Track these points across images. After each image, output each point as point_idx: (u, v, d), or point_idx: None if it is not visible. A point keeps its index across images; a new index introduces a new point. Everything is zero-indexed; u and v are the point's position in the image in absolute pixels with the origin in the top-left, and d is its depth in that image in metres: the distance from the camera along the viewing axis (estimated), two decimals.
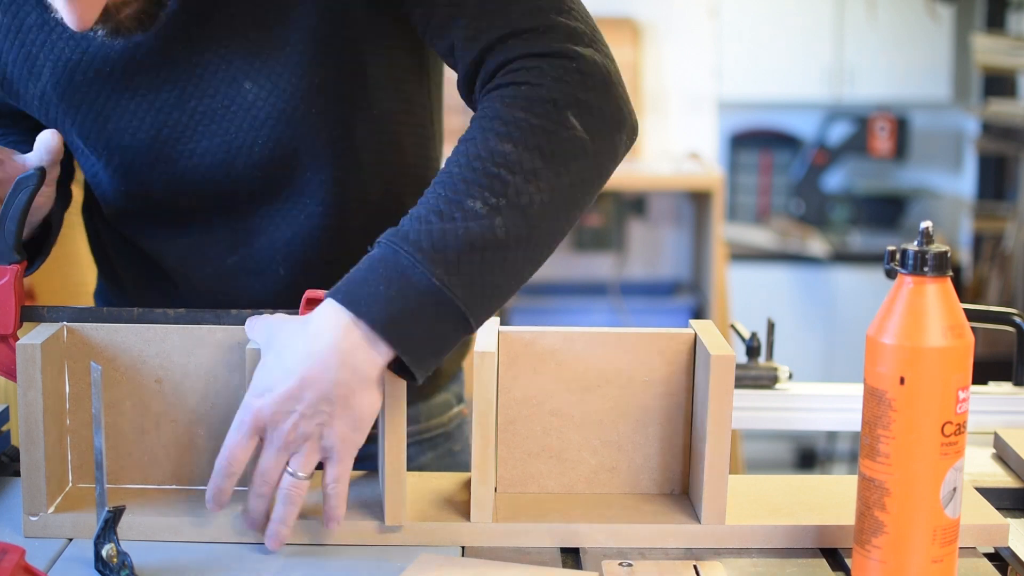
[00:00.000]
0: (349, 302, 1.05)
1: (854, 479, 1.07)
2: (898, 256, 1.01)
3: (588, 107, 1.13)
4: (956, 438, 1.00)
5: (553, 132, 1.11)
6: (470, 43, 1.16)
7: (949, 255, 1.00)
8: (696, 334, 1.17)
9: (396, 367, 1.07)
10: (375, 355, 1.05)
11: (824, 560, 1.11)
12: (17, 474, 1.25)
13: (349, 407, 1.06)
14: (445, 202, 1.07)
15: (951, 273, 1.01)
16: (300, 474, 1.08)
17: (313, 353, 1.05)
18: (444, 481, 1.22)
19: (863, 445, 1.02)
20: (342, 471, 1.08)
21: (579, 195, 1.13)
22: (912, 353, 0.98)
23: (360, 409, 1.06)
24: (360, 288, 1.05)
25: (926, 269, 0.99)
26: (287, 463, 1.08)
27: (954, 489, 1.00)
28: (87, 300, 2.14)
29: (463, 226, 1.06)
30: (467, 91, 1.20)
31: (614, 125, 1.15)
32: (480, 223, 1.06)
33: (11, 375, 1.13)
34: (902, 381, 0.99)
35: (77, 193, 1.44)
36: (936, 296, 0.99)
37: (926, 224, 1.00)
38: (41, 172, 1.15)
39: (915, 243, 1.00)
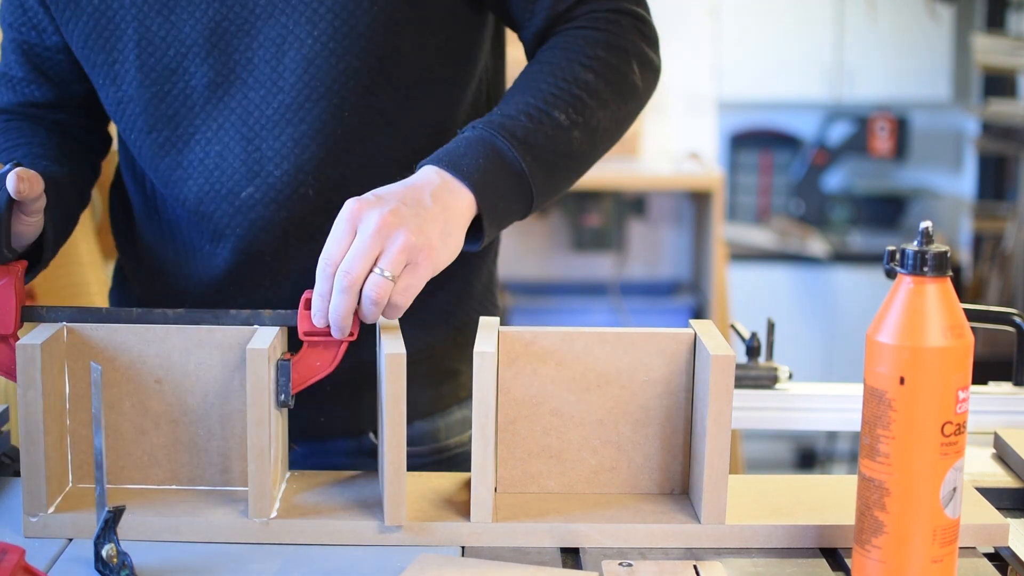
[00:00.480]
0: (449, 165, 1.19)
1: (854, 479, 1.07)
2: (898, 256, 1.01)
3: (647, 60, 1.33)
4: (956, 438, 1.00)
5: (623, 74, 1.29)
6: None
7: (949, 255, 1.00)
8: (696, 334, 1.17)
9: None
10: (464, 203, 1.18)
11: (824, 560, 1.11)
12: (17, 474, 1.25)
13: (439, 232, 1.14)
14: (535, 109, 1.23)
15: (951, 273, 1.01)
16: (387, 273, 1.10)
17: (411, 184, 1.17)
18: (444, 481, 1.22)
19: (863, 445, 1.02)
20: (416, 282, 1.13)
21: (623, 130, 1.32)
22: (912, 353, 0.98)
23: (447, 240, 1.15)
24: (460, 159, 1.19)
25: (926, 269, 0.99)
26: (375, 262, 1.11)
27: (954, 489, 1.00)
28: (87, 300, 2.14)
29: (550, 131, 1.23)
30: (543, 25, 1.32)
31: (656, 79, 1.36)
32: (562, 133, 1.24)
33: (11, 375, 1.13)
34: (902, 381, 0.99)
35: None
36: (936, 296, 0.99)
37: (926, 224, 1.00)
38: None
39: (915, 243, 1.00)
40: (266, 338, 1.13)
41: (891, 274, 1.34)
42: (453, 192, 1.17)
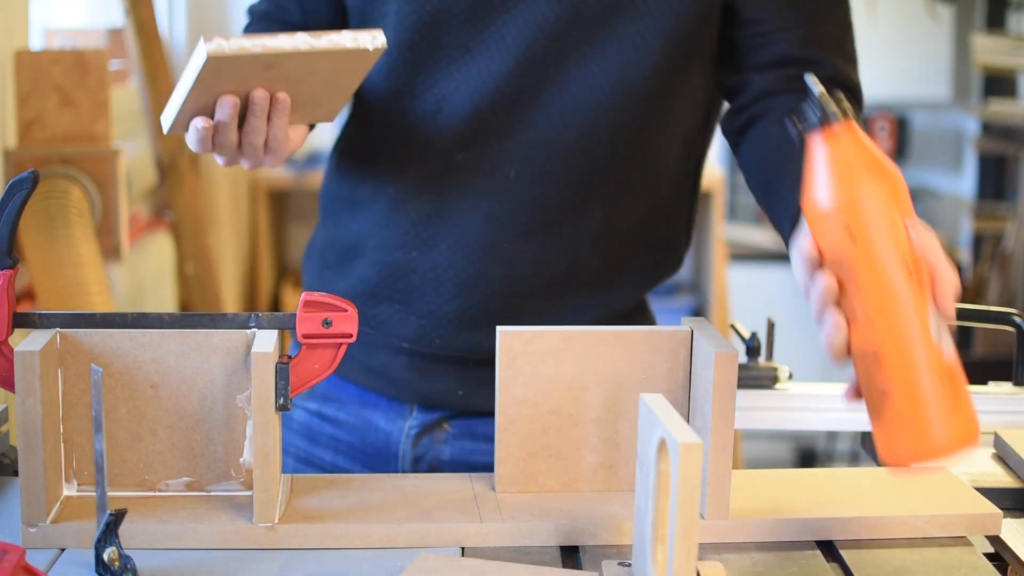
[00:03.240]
0: None
1: (849, 471, 1.07)
2: (797, 120, 1.00)
3: None
4: (921, 275, 0.97)
5: None
6: (830, 62, 1.37)
7: (842, 98, 0.98)
8: (692, 330, 1.17)
9: None
10: None
11: (819, 552, 1.11)
12: (16, 473, 1.25)
13: None
14: None
15: (848, 114, 0.98)
16: None
17: None
18: (444, 481, 1.22)
19: (849, 324, 1.00)
20: None
21: None
22: (850, 204, 0.96)
23: None
24: None
25: (831, 118, 0.98)
26: None
27: (939, 330, 0.97)
28: (87, 300, 2.14)
29: None
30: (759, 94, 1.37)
31: None
32: None
33: (2, 383, 1.12)
34: (852, 238, 0.96)
35: (75, 191, 1.44)
36: (849, 143, 0.97)
37: (810, 78, 0.99)
38: (35, 175, 1.14)
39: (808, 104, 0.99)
40: (269, 341, 1.12)
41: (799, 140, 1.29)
42: None
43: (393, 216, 1.40)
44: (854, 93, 1.37)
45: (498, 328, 1.17)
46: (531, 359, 1.17)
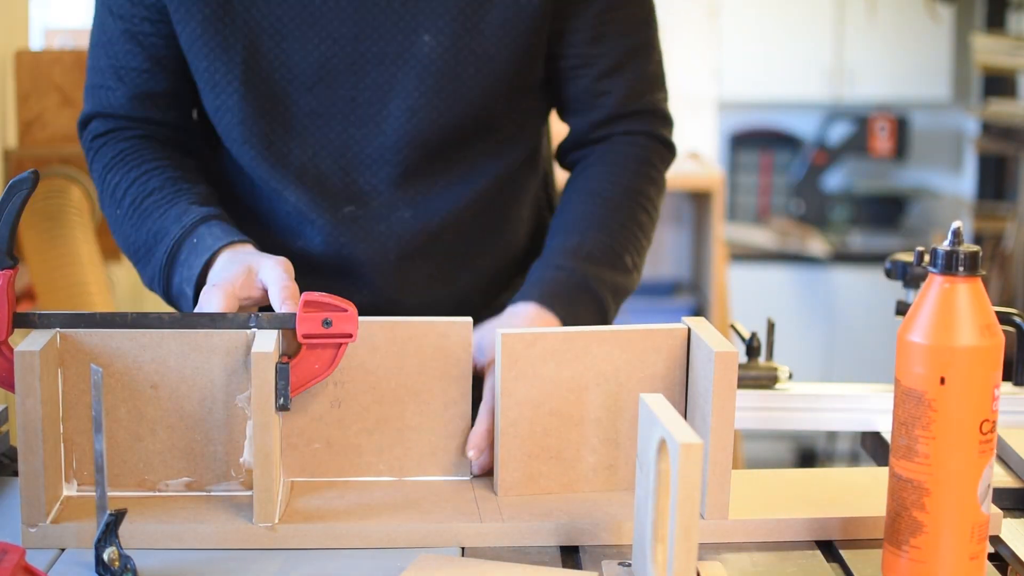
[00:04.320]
0: (555, 308, 1.34)
1: (849, 471, 1.07)
2: (928, 256, 1.02)
3: (664, 187, 1.52)
4: (991, 435, 1.01)
5: (658, 211, 1.49)
6: (623, 99, 1.46)
7: (980, 255, 1.00)
8: (690, 329, 1.18)
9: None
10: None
11: (819, 552, 1.11)
12: (17, 473, 1.25)
13: None
14: (613, 254, 1.40)
15: (983, 272, 1.01)
16: None
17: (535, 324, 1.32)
18: (444, 481, 1.22)
19: (897, 446, 1.02)
20: None
21: None
22: (952, 353, 0.98)
23: None
24: (566, 304, 1.35)
25: (960, 268, 0.99)
26: None
27: (988, 486, 1.01)
28: (87, 300, 2.14)
29: (623, 276, 1.42)
30: (584, 121, 1.49)
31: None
32: (628, 277, 1.43)
33: (3, 383, 1.12)
34: (943, 381, 0.99)
35: (75, 191, 1.44)
36: (971, 295, 1.00)
37: (957, 224, 1.01)
38: (35, 175, 1.14)
39: (945, 243, 1.01)
40: (269, 342, 1.12)
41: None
42: (541, 317, 1.33)
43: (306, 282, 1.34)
44: (656, 115, 1.49)
45: (498, 330, 1.17)
46: (532, 361, 1.17)
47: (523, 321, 1.32)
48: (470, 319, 1.21)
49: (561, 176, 1.56)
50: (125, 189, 1.39)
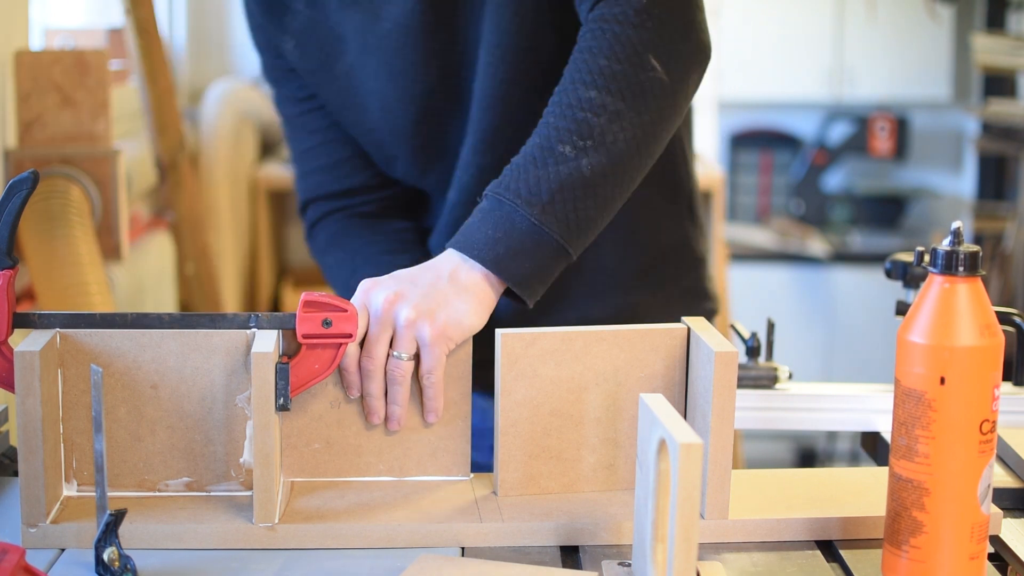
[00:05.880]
0: (463, 247, 1.22)
1: (849, 471, 1.07)
2: (928, 256, 1.02)
3: (668, 50, 1.28)
4: (991, 435, 1.01)
5: (633, 76, 1.25)
6: None
7: (980, 255, 1.00)
8: (690, 329, 1.18)
9: (512, 295, 1.24)
10: (480, 278, 1.21)
11: (819, 552, 1.11)
12: (17, 473, 1.25)
13: (448, 305, 1.18)
14: (539, 149, 1.24)
15: (983, 272, 1.01)
16: (402, 355, 1.17)
17: (428, 266, 1.23)
18: (444, 481, 1.22)
19: (897, 446, 1.02)
20: (435, 363, 1.18)
21: (659, 130, 1.28)
22: (951, 353, 0.98)
23: (457, 311, 1.18)
24: (472, 237, 1.22)
25: (960, 268, 0.99)
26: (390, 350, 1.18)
27: (988, 486, 1.01)
28: (87, 300, 2.14)
29: (554, 170, 1.22)
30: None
31: (691, 64, 1.31)
32: (568, 165, 1.22)
33: (2, 383, 1.12)
34: (943, 381, 0.99)
35: (75, 191, 1.44)
36: (971, 295, 1.00)
37: (957, 224, 1.01)
38: (35, 175, 1.14)
39: (945, 243, 1.01)
40: (269, 342, 1.12)
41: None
42: (470, 271, 1.21)
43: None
44: (641, 10, 1.30)
45: (497, 331, 1.17)
46: (532, 361, 1.17)
47: (433, 264, 1.23)
48: None
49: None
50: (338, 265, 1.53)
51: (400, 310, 1.18)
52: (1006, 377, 1.48)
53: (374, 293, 1.19)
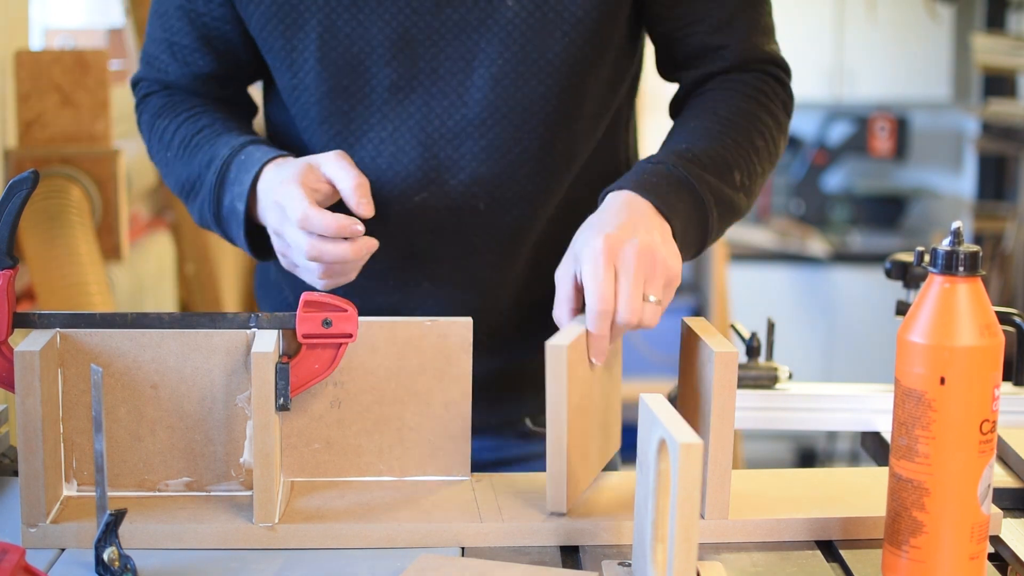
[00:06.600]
0: (657, 198, 1.23)
1: (849, 471, 1.07)
2: (928, 256, 1.02)
3: (786, 129, 1.43)
4: (991, 435, 1.01)
5: (778, 146, 1.39)
6: (741, 51, 1.39)
7: (980, 255, 1.00)
8: (690, 329, 1.18)
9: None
10: (669, 232, 1.22)
11: (819, 552, 1.11)
12: (17, 473, 1.25)
13: (674, 250, 1.20)
14: (722, 161, 1.30)
15: (983, 272, 1.01)
16: (655, 298, 1.16)
17: (636, 212, 1.21)
18: (444, 481, 1.22)
19: (897, 446, 1.02)
20: (668, 300, 1.19)
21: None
22: (952, 353, 0.98)
23: (678, 259, 1.20)
24: (665, 195, 1.24)
25: (960, 269, 0.99)
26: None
27: (988, 486, 1.01)
28: (87, 299, 2.14)
29: (729, 188, 1.31)
30: (700, 73, 1.41)
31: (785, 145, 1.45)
32: (735, 192, 1.32)
33: (2, 383, 1.12)
34: (943, 381, 0.99)
35: (75, 191, 1.44)
36: (971, 295, 1.00)
37: (957, 224, 1.01)
38: (35, 175, 1.14)
39: (945, 243, 1.01)
40: (269, 342, 1.12)
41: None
42: (663, 221, 1.22)
43: (368, 264, 1.31)
44: (777, 64, 1.42)
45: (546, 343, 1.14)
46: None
47: (617, 207, 1.22)
48: (470, 319, 1.20)
49: None
50: (174, 131, 1.40)
51: (654, 260, 1.17)
52: (1006, 377, 1.48)
53: (623, 250, 1.16)
